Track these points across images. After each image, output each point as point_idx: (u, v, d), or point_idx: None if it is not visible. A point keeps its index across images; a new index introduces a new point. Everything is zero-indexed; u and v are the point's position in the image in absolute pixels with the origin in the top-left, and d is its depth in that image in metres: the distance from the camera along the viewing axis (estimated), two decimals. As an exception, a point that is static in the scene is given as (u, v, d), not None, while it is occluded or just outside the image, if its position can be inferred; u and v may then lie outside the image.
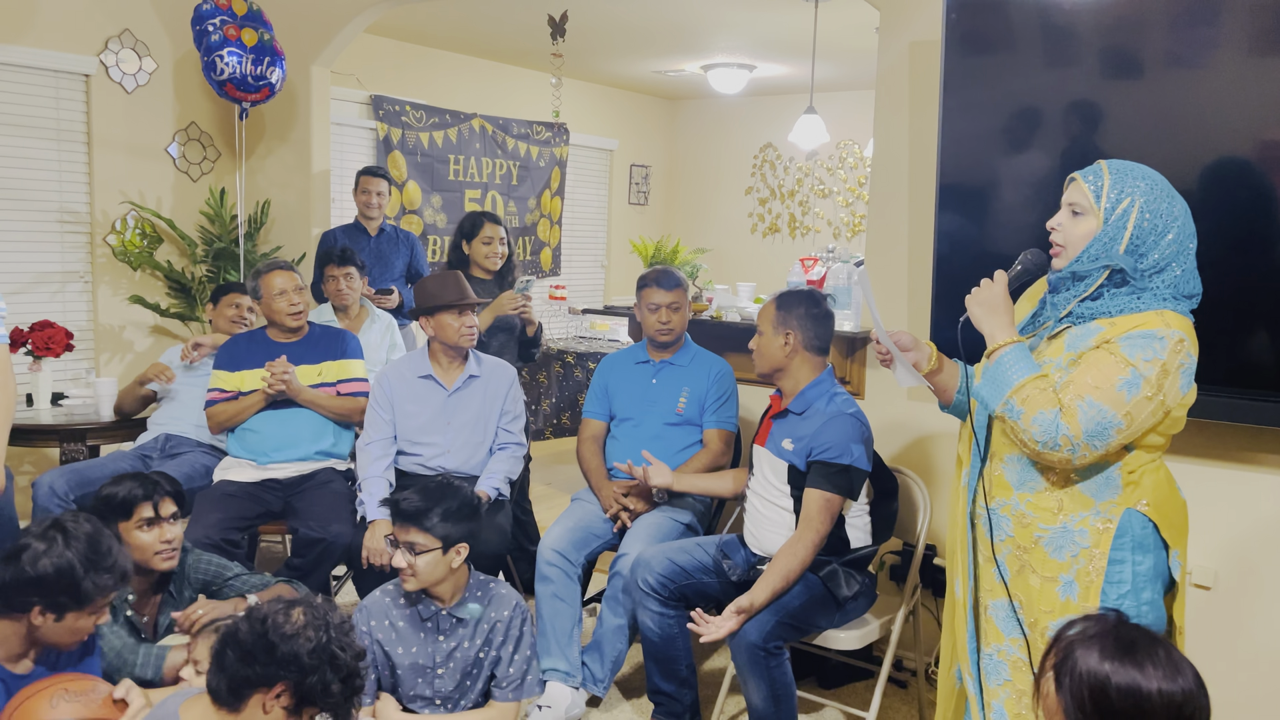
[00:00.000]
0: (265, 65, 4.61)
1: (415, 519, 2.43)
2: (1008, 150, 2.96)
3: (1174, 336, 1.79)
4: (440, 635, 2.54)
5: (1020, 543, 1.95)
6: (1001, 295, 1.96)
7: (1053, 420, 1.81)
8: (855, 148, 8.01)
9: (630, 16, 5.74)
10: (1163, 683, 1.32)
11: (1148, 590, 1.87)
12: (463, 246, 3.93)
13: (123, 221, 4.88)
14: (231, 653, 1.73)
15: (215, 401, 3.47)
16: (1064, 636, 1.42)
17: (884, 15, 3.40)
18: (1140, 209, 1.84)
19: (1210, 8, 2.59)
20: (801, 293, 2.87)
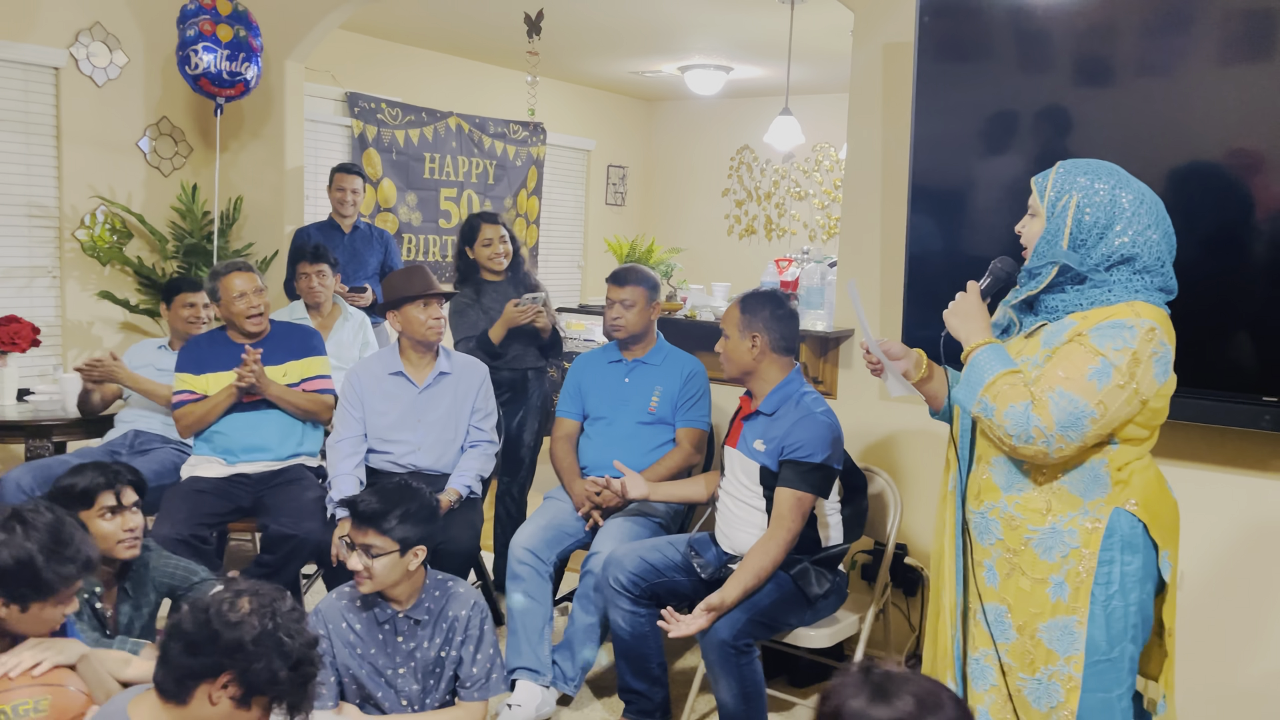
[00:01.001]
0: (240, 61, 4.57)
1: (372, 521, 2.39)
2: (979, 153, 2.98)
3: (1144, 325, 1.79)
4: (399, 637, 2.50)
5: (1010, 545, 1.95)
6: (975, 303, 1.98)
7: (1024, 413, 1.82)
8: (831, 150, 8.06)
9: (607, 16, 5.75)
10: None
11: (1136, 591, 1.87)
12: (466, 253, 3.87)
13: (92, 216, 4.82)
14: (175, 644, 1.70)
15: (184, 403, 3.41)
16: (830, 707, 1.36)
17: (858, 18, 3.42)
18: (1079, 204, 1.86)
19: (1181, 16, 2.62)
20: (764, 294, 2.87)
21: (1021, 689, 1.93)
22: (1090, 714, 1.88)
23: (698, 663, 3.21)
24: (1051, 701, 1.90)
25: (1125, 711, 1.91)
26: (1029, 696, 1.93)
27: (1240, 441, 2.75)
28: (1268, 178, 2.55)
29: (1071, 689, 1.88)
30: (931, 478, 3.33)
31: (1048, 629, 1.90)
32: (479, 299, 3.80)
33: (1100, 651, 1.87)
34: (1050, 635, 1.90)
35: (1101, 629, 1.86)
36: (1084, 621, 1.87)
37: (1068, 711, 1.89)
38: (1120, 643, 1.87)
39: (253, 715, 1.75)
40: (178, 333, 3.82)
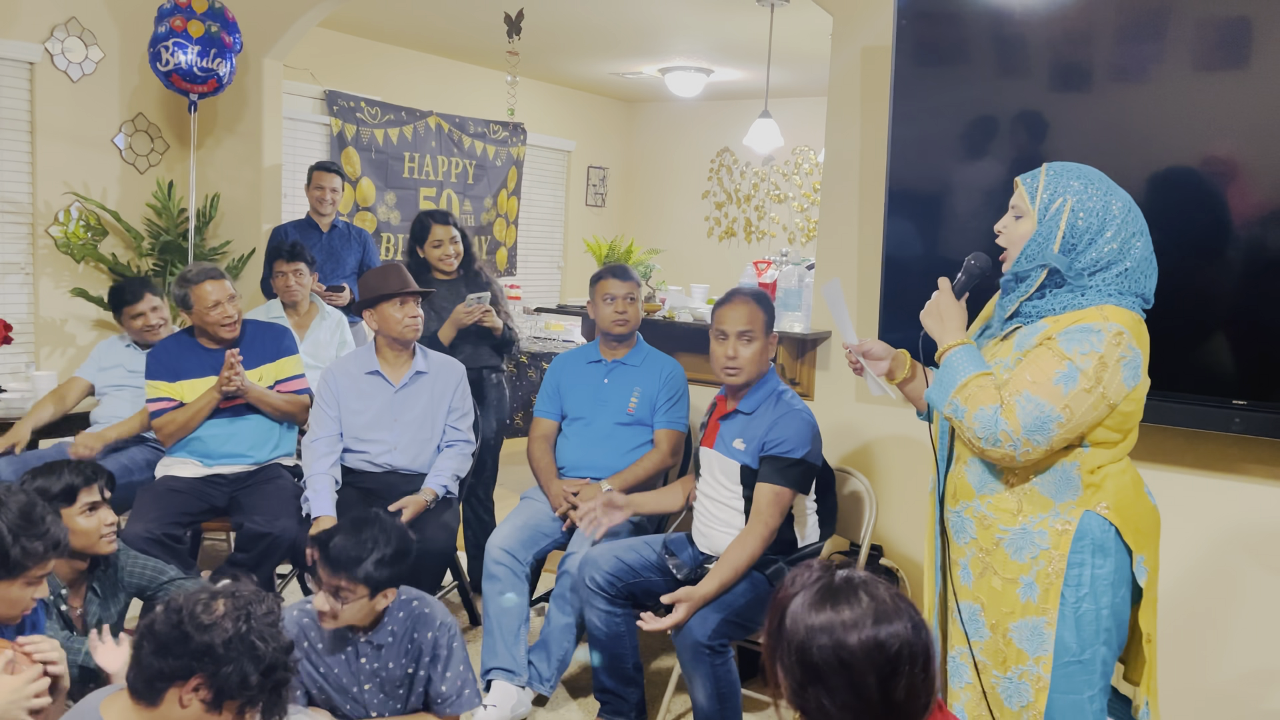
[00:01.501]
0: (211, 57, 4.53)
1: (346, 568, 2.27)
2: (956, 157, 3.00)
3: (1111, 329, 1.80)
4: (361, 658, 2.42)
5: (983, 545, 1.96)
6: (949, 302, 1.98)
7: (993, 416, 1.83)
8: (810, 153, 8.09)
9: (588, 17, 5.75)
10: (865, 630, 1.27)
11: (1108, 595, 1.87)
12: (417, 252, 3.86)
13: (66, 213, 4.78)
14: (147, 645, 1.69)
15: (163, 411, 3.34)
16: (777, 601, 1.35)
17: (837, 21, 3.44)
18: (1073, 208, 1.85)
19: (1156, 24, 2.65)
20: (764, 293, 2.90)
21: (995, 687, 1.95)
22: (1060, 714, 1.89)
23: (673, 663, 3.21)
24: (1022, 701, 1.92)
25: (1098, 714, 1.92)
26: (1002, 695, 1.94)
27: (1211, 444, 2.78)
28: (1240, 184, 2.58)
29: (1040, 689, 1.89)
30: (907, 479, 3.35)
31: (1018, 629, 1.91)
32: (429, 300, 3.78)
33: (1071, 653, 1.88)
34: (1020, 635, 1.91)
35: (1071, 631, 1.87)
36: (1053, 623, 1.88)
37: (1036, 711, 1.90)
38: (1092, 645, 1.88)
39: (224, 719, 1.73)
40: (136, 340, 3.79)
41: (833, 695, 1.29)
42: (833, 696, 1.29)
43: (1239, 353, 2.64)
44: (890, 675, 1.28)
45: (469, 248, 3.91)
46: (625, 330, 3.34)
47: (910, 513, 3.34)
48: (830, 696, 1.29)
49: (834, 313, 2.20)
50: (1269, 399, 2.58)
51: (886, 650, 1.27)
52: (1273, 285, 2.55)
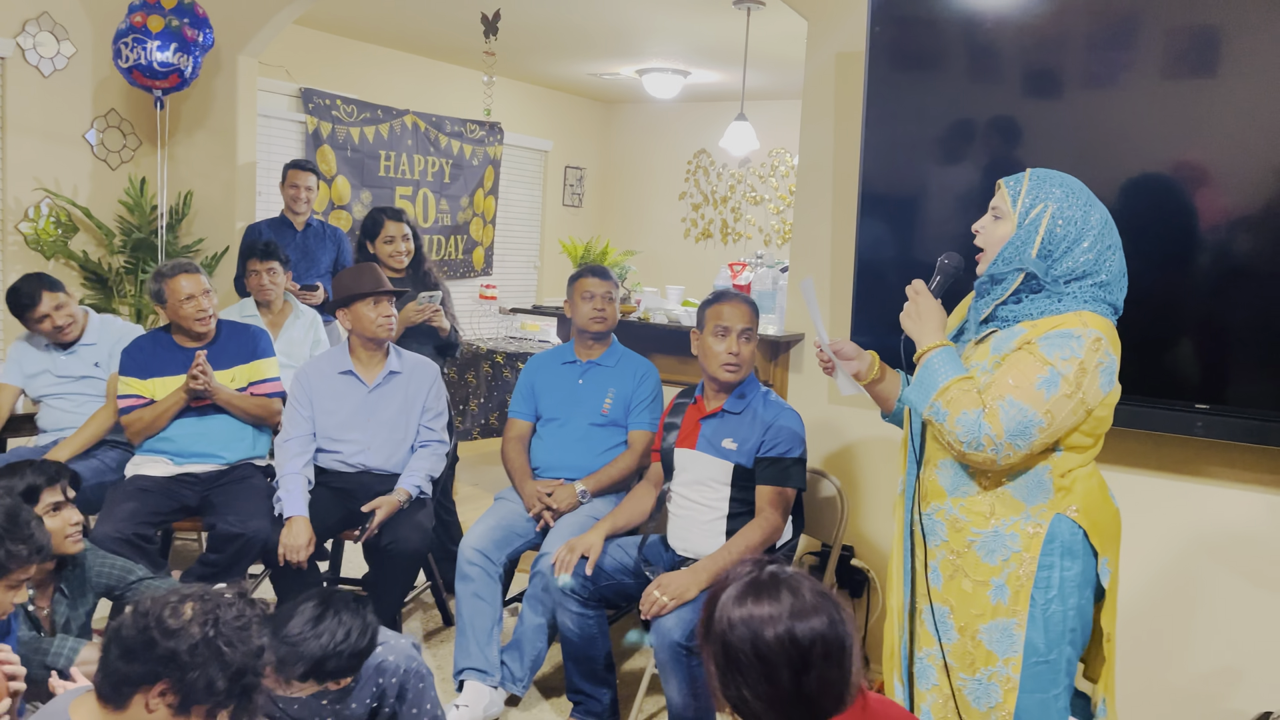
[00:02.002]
0: (172, 52, 4.45)
1: (301, 677, 2.19)
2: (928, 161, 3.04)
3: (1090, 335, 1.82)
4: (324, 700, 2.36)
5: (954, 547, 1.98)
6: (928, 303, 1.99)
7: (976, 421, 1.85)
8: (786, 156, 8.13)
9: (566, 18, 5.75)
10: (780, 625, 1.34)
11: (1074, 596, 1.91)
12: (367, 247, 3.87)
13: (36, 209, 4.73)
14: (114, 649, 1.68)
15: (132, 409, 3.34)
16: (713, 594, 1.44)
17: (811, 26, 3.47)
18: (1053, 215, 1.88)
19: (1127, 32, 2.69)
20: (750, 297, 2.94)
21: (962, 689, 1.97)
22: (1027, 714, 1.92)
23: (646, 664, 3.23)
24: (990, 702, 1.94)
25: (1062, 711, 1.95)
26: (969, 696, 1.97)
27: (1174, 447, 2.83)
28: (1207, 191, 2.63)
29: (1009, 690, 1.92)
30: (878, 481, 3.38)
31: (988, 631, 1.94)
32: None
33: (1039, 654, 1.91)
34: (990, 637, 1.94)
35: (1040, 632, 1.90)
36: (1023, 624, 1.90)
37: (1005, 712, 1.93)
38: (1058, 645, 1.91)
39: None
40: (49, 340, 3.63)
41: (751, 686, 1.36)
42: (751, 687, 1.36)
43: (1202, 357, 2.69)
44: (803, 669, 1.34)
45: (420, 247, 3.93)
46: (603, 328, 3.35)
47: (881, 514, 3.37)
48: (749, 687, 1.36)
49: (810, 311, 2.22)
50: (1230, 403, 2.63)
51: (800, 645, 1.34)
52: (1236, 291, 2.59)
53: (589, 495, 3.24)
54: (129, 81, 4.56)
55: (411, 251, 3.89)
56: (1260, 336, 2.58)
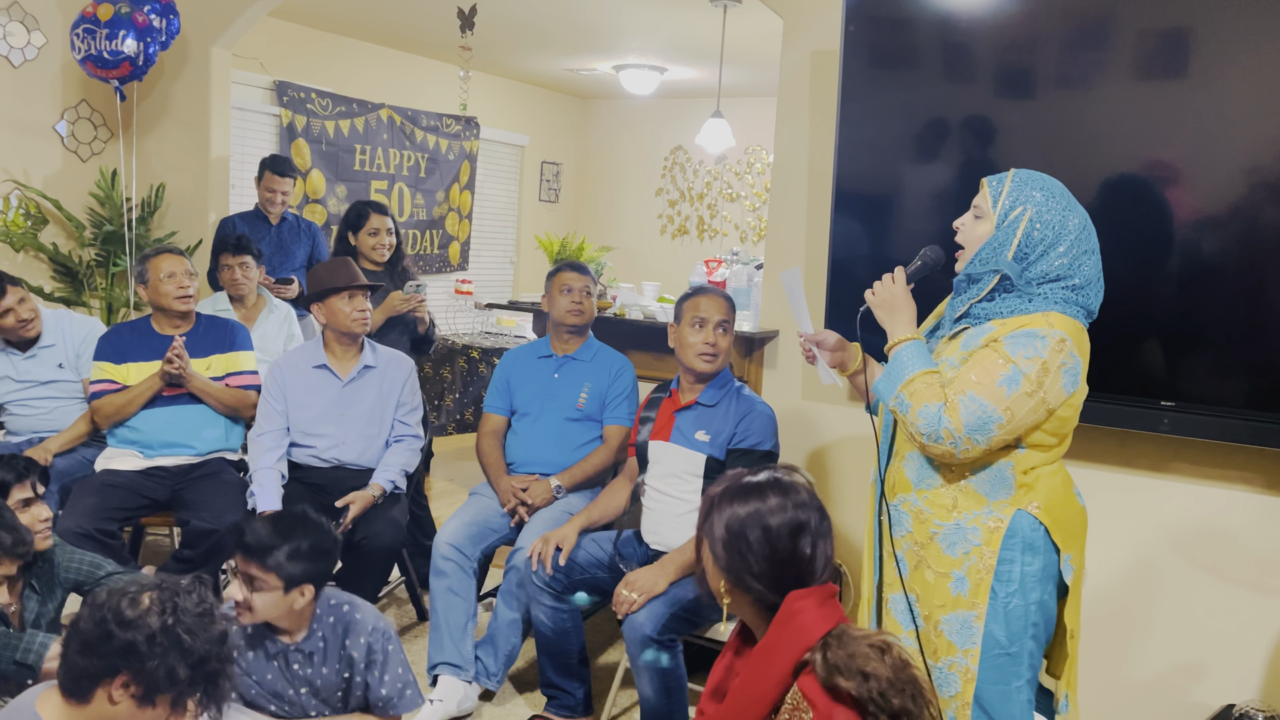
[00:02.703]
0: (120, 39, 4.36)
1: (257, 555, 2.20)
2: (902, 159, 3.06)
3: (1055, 335, 1.85)
4: (294, 666, 2.35)
5: (918, 538, 2.01)
6: (901, 293, 2.02)
7: (936, 414, 1.88)
8: (763, 153, 8.16)
9: (542, 13, 5.75)
10: (783, 512, 1.61)
11: (1036, 591, 1.93)
12: (349, 238, 3.88)
13: (5, 201, 4.67)
14: (73, 643, 1.67)
15: (104, 393, 3.32)
16: (707, 499, 1.69)
17: (786, 25, 3.48)
18: (1031, 219, 1.90)
19: (1099, 33, 2.72)
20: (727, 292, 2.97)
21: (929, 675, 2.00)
22: (990, 705, 1.95)
23: (619, 657, 3.25)
24: (951, 690, 1.98)
25: (1026, 704, 1.98)
26: (934, 683, 2.00)
27: (1140, 444, 2.87)
28: (1174, 191, 2.67)
29: (968, 680, 1.95)
30: (851, 475, 3.41)
31: (948, 622, 1.97)
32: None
33: (1000, 646, 1.94)
34: (950, 628, 1.97)
35: (1000, 625, 1.93)
36: (982, 617, 1.94)
37: (963, 702, 1.96)
38: (1020, 639, 1.94)
39: (158, 713, 1.71)
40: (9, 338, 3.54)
41: (756, 562, 1.60)
42: (756, 563, 1.60)
43: (1168, 355, 2.73)
44: (799, 542, 1.61)
45: (399, 245, 3.95)
46: (580, 321, 3.36)
47: (853, 507, 3.40)
48: (754, 563, 1.60)
49: (791, 301, 2.24)
50: (1196, 401, 2.67)
51: (798, 520, 1.62)
52: (1203, 290, 2.64)
53: (564, 490, 3.24)
54: (86, 72, 4.50)
55: (393, 245, 3.90)
56: (1226, 336, 2.62)
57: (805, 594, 1.57)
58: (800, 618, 1.54)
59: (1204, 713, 2.79)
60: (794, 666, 1.53)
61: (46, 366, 3.56)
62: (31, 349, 3.54)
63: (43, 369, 3.56)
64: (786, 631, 1.55)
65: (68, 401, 3.58)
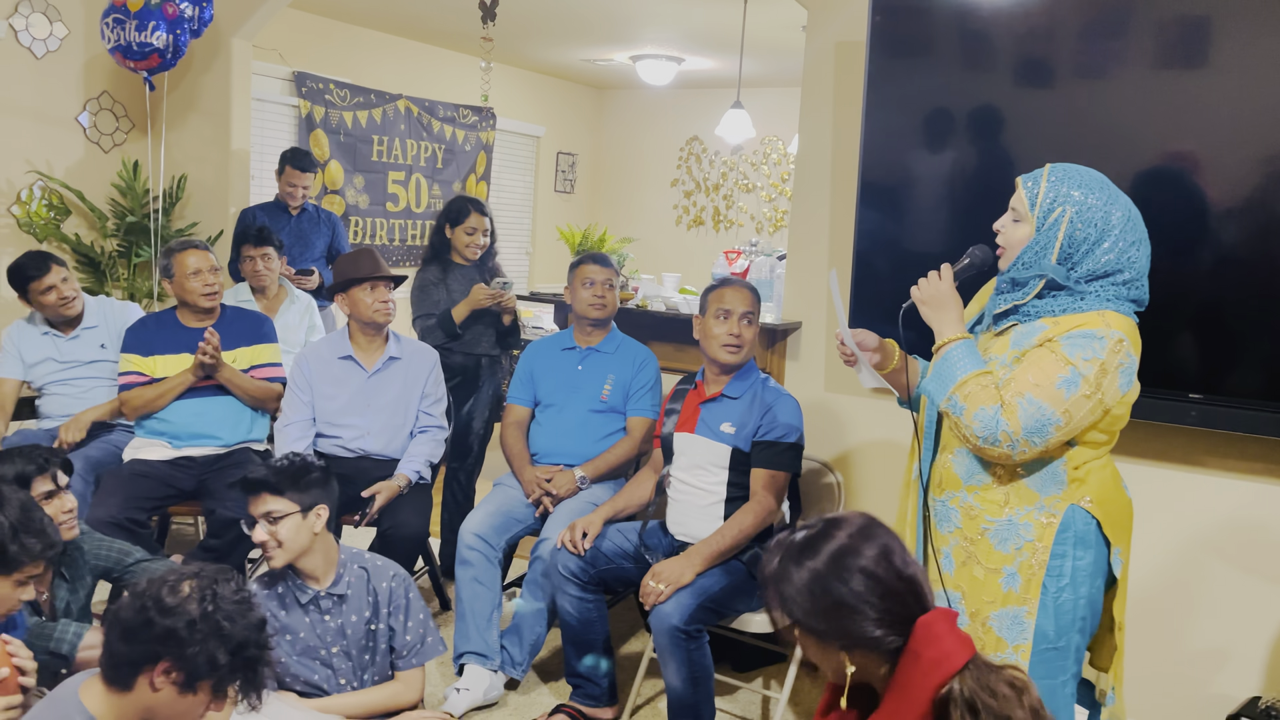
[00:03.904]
0: (150, 31, 4.36)
1: (266, 486, 2.35)
2: (928, 151, 3.05)
3: (1113, 336, 1.83)
4: (325, 615, 2.46)
5: (967, 534, 1.99)
6: (949, 291, 1.99)
7: (993, 416, 1.85)
8: (779, 144, 8.13)
9: (561, 3, 5.74)
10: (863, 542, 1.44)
11: (1086, 585, 1.93)
12: (445, 230, 3.84)
13: (29, 192, 4.70)
14: (114, 631, 1.69)
15: (132, 385, 3.34)
16: (767, 588, 1.50)
17: (811, 15, 3.47)
18: (1071, 219, 1.87)
19: (1126, 20, 2.71)
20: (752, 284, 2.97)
21: None
22: None
23: (643, 647, 3.26)
24: None
25: (1069, 698, 1.98)
26: None
27: (1170, 437, 2.87)
28: (1200, 181, 2.65)
29: None
30: (875, 468, 3.41)
31: (998, 617, 1.96)
32: (445, 279, 3.79)
33: (1048, 640, 1.93)
34: (1000, 624, 1.96)
35: (1050, 620, 1.92)
36: (1033, 612, 1.93)
37: None
38: (1068, 633, 1.94)
39: (200, 700, 1.73)
40: (51, 317, 3.60)
41: (872, 609, 1.40)
42: (872, 609, 1.41)
43: (1195, 347, 2.72)
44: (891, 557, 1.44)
45: (493, 244, 3.92)
46: (602, 315, 3.37)
47: (877, 500, 3.40)
48: (869, 611, 1.41)
49: (836, 302, 2.20)
50: (1223, 393, 2.66)
51: (883, 544, 1.45)
52: (1229, 281, 2.63)
53: (588, 481, 3.25)
54: (116, 62, 4.51)
55: (486, 246, 3.85)
56: (1252, 327, 2.61)
57: (935, 616, 1.42)
58: (941, 644, 1.39)
59: (1229, 705, 2.79)
60: (933, 698, 1.38)
61: (89, 347, 3.61)
62: (74, 330, 3.59)
63: (85, 349, 3.61)
64: (924, 661, 1.39)
65: (105, 383, 3.61)
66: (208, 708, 1.74)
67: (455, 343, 3.71)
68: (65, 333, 3.61)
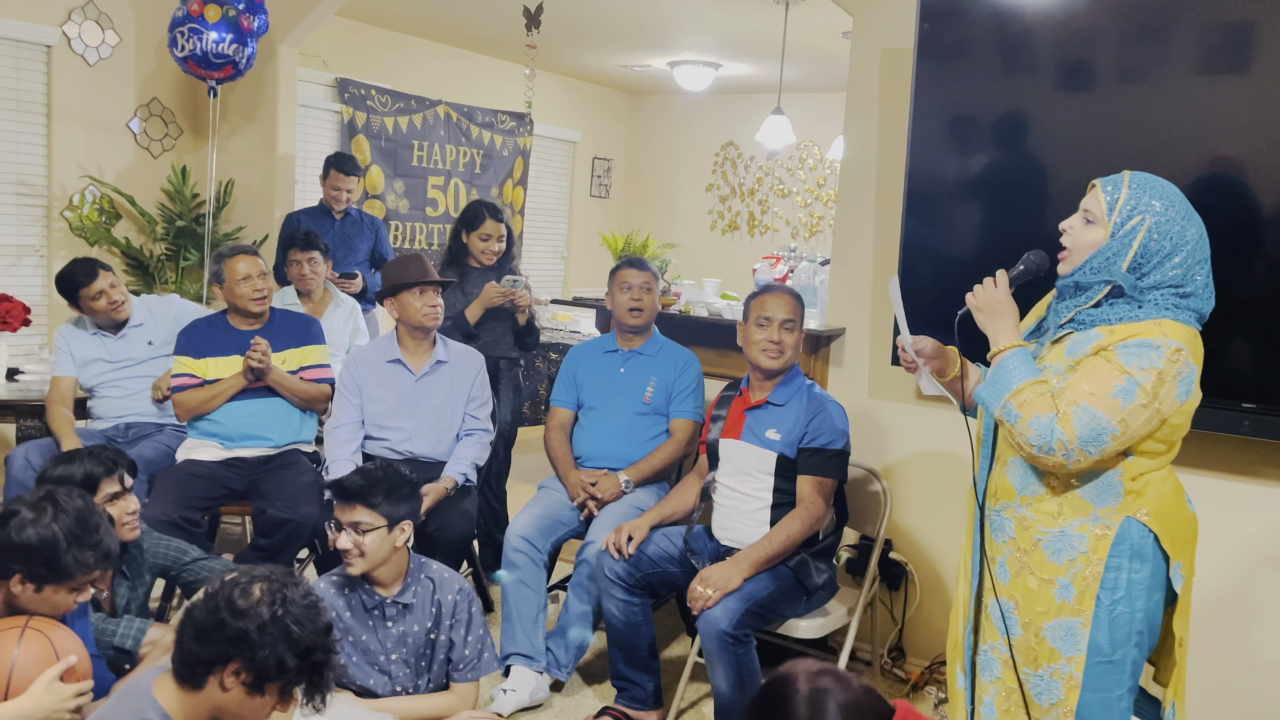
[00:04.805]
0: (228, 43, 4.50)
1: (359, 497, 2.41)
2: (975, 158, 3.04)
3: (1170, 345, 1.81)
4: (388, 622, 2.51)
5: (1021, 545, 1.98)
6: (1005, 298, 1.97)
7: (1048, 425, 1.84)
8: (816, 149, 8.12)
9: (598, 9, 5.77)
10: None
11: (1142, 599, 1.90)
12: (462, 235, 3.89)
13: (80, 196, 4.80)
14: (187, 630, 1.73)
15: (184, 388, 3.40)
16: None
17: (856, 21, 3.48)
18: (1150, 229, 1.84)
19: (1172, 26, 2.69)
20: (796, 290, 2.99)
21: (1025, 683, 1.98)
22: (1090, 712, 1.93)
23: (688, 651, 3.27)
24: (1052, 698, 1.95)
25: (1125, 712, 1.96)
26: (1031, 691, 1.98)
27: (1224, 447, 2.83)
28: (1253, 185, 2.62)
29: (1071, 688, 1.93)
30: (920, 474, 3.40)
31: (1051, 629, 1.95)
32: (462, 282, 3.84)
33: (1102, 654, 1.92)
34: (1054, 635, 1.95)
35: (1105, 633, 1.91)
36: (1087, 624, 1.91)
37: (1066, 709, 1.93)
38: (1123, 647, 1.91)
39: (267, 701, 1.77)
40: (102, 321, 3.64)
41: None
42: None
43: (1248, 356, 2.69)
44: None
45: (510, 246, 3.96)
46: (640, 321, 3.38)
47: (923, 508, 3.40)
48: None
49: (896, 311, 2.19)
50: (1278, 401, 2.63)
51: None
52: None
53: (632, 485, 3.27)
54: (184, 70, 4.59)
55: (501, 251, 3.90)
56: (1309, 336, 2.58)
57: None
58: None
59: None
60: None
61: (137, 345, 3.67)
62: (122, 330, 3.64)
63: (134, 348, 3.66)
64: None
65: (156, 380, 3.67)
66: (274, 708, 1.78)
67: (473, 345, 3.74)
68: (113, 333, 3.67)
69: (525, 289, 3.78)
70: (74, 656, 1.96)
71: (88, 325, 3.67)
